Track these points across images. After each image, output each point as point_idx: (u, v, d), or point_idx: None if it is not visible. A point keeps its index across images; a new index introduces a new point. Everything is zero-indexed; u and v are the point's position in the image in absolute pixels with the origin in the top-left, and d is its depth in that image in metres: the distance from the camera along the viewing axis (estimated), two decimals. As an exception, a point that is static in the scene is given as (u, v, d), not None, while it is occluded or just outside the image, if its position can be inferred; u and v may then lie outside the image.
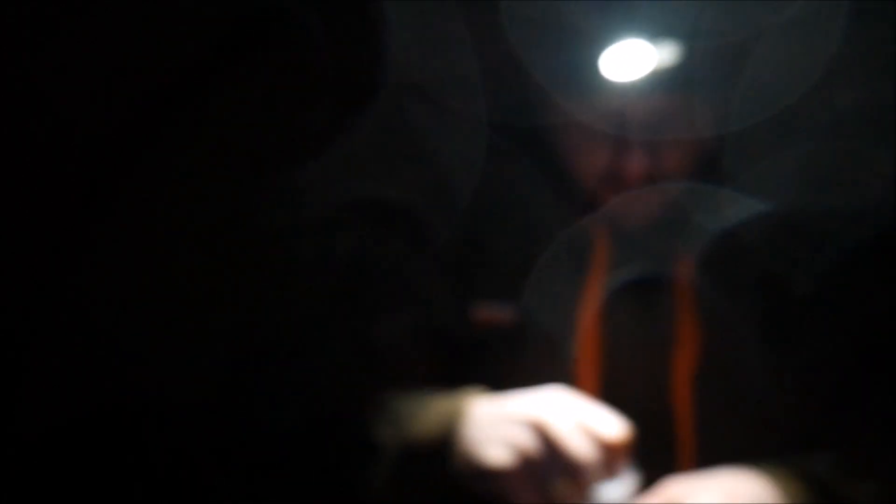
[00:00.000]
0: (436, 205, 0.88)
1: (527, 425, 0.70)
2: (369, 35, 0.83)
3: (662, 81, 0.78)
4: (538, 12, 0.78)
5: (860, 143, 0.85)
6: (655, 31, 0.77)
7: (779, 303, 0.84)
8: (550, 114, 0.84)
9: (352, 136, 0.85)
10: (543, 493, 0.69)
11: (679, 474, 0.76)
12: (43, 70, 0.73)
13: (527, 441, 0.69)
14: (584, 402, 0.72)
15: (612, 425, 0.71)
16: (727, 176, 0.84)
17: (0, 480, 0.80)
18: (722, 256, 0.84)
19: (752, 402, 0.81)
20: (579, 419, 0.71)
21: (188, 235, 0.86)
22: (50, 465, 0.83)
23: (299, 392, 0.82)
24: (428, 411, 0.75)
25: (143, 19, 0.74)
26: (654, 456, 0.77)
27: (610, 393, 0.81)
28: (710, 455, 0.79)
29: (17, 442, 0.81)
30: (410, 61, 0.84)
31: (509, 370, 0.83)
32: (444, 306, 0.86)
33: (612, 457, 0.70)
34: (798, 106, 0.81)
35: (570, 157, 0.85)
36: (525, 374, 0.80)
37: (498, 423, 0.71)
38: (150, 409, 0.86)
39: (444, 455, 0.72)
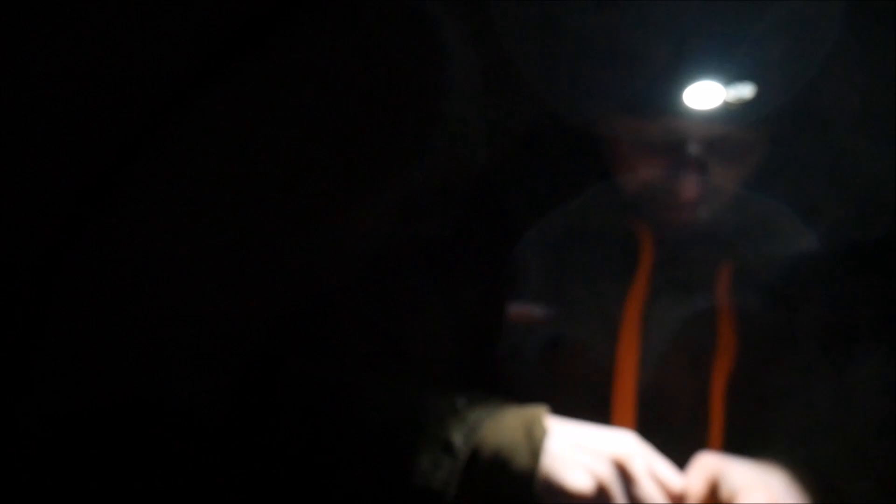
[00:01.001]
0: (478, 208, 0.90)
1: (609, 459, 0.74)
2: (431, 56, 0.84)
3: (729, 114, 0.81)
4: (611, 37, 0.81)
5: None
6: (728, 73, 0.80)
7: (813, 318, 0.86)
8: (610, 128, 0.87)
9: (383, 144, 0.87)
10: None
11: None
12: (45, 70, 0.72)
13: (607, 474, 0.73)
14: (654, 453, 0.77)
15: (678, 478, 0.76)
16: (769, 191, 0.87)
17: (6, 478, 0.80)
18: (762, 269, 0.87)
19: (780, 413, 0.84)
20: (652, 465, 0.75)
21: (198, 233, 0.85)
22: (57, 464, 0.82)
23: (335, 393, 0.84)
24: (507, 419, 0.77)
25: (149, 17, 0.74)
26: (682, 460, 0.80)
27: (646, 396, 0.85)
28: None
29: (23, 440, 0.81)
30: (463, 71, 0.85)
31: (547, 370, 0.86)
32: (483, 306, 0.89)
33: None
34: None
35: (623, 171, 0.88)
36: (563, 375, 0.85)
37: (583, 450, 0.75)
38: (173, 409, 0.86)
39: (524, 464, 0.75)
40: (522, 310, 0.88)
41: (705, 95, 0.79)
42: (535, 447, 0.74)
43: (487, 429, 0.76)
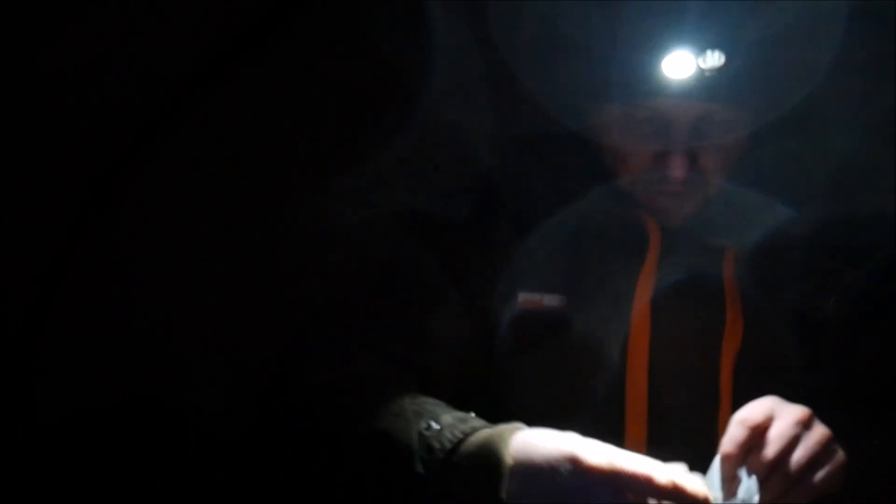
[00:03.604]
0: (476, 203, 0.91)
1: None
2: (411, 39, 0.85)
3: (706, 89, 0.82)
4: (589, 16, 0.81)
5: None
6: (701, 41, 0.80)
7: (812, 300, 0.88)
8: (596, 115, 0.88)
9: (386, 144, 0.87)
10: None
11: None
12: (51, 68, 0.73)
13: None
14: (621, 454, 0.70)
15: (661, 472, 0.69)
16: (762, 176, 0.88)
17: (7, 478, 0.80)
18: (763, 254, 0.89)
19: (784, 390, 0.84)
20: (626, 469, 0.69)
21: (201, 234, 0.86)
22: (58, 464, 0.82)
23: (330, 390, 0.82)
24: (474, 449, 0.74)
25: (148, 20, 0.75)
26: (695, 439, 0.80)
27: (657, 376, 0.85)
28: None
29: (24, 440, 0.81)
30: (452, 62, 0.86)
31: (562, 354, 0.86)
32: (496, 296, 0.89)
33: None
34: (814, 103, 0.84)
35: (615, 159, 0.89)
36: (577, 359, 0.84)
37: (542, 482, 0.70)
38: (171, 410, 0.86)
39: (488, 499, 0.72)
40: (536, 299, 0.90)
41: (682, 67, 0.80)
42: (496, 484, 0.71)
43: (453, 459, 0.73)
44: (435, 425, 0.76)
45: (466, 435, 0.74)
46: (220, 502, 0.88)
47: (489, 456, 0.73)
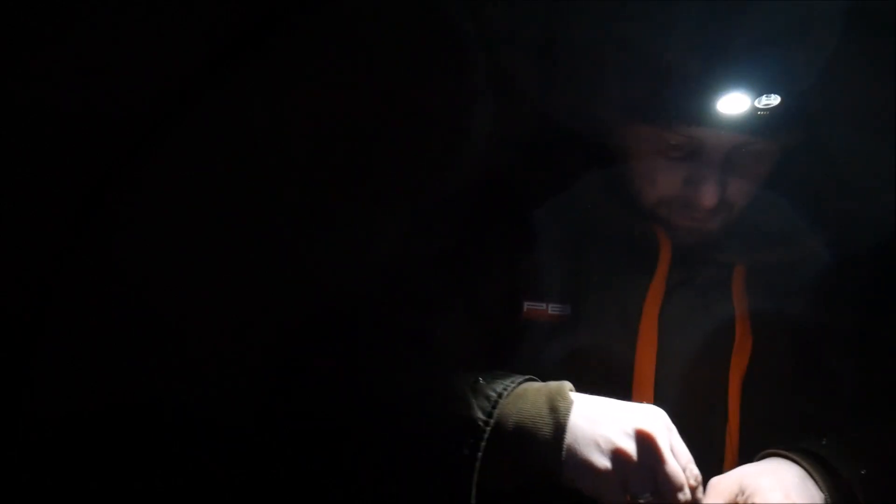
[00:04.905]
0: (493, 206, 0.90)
1: (634, 435, 0.72)
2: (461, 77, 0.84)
3: (748, 122, 0.82)
4: (639, 49, 0.82)
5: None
6: (757, 82, 0.80)
7: (822, 314, 0.89)
8: (631, 137, 0.86)
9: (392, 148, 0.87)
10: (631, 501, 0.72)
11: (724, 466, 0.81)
12: (50, 68, 0.72)
13: (632, 450, 0.72)
14: (674, 428, 0.75)
15: (693, 465, 0.75)
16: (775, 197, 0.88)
17: (7, 478, 0.80)
18: (772, 269, 0.90)
19: (792, 404, 0.84)
20: (674, 444, 0.74)
21: (201, 234, 0.85)
22: (57, 464, 0.82)
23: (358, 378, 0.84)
24: (530, 393, 0.76)
25: (151, 19, 0.74)
26: (701, 454, 0.80)
27: (664, 392, 0.86)
28: (749, 448, 0.84)
29: (23, 440, 0.81)
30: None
31: (566, 367, 0.87)
32: (501, 305, 0.89)
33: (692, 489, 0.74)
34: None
35: (642, 179, 0.88)
36: (582, 372, 0.85)
37: (608, 426, 0.73)
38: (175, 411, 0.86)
39: (548, 437, 0.73)
40: (541, 309, 0.89)
41: (733, 105, 0.80)
42: (559, 420, 0.73)
43: (510, 404, 0.75)
44: (482, 380, 0.76)
45: (518, 383, 0.75)
46: (220, 502, 0.88)
47: (550, 398, 0.73)
